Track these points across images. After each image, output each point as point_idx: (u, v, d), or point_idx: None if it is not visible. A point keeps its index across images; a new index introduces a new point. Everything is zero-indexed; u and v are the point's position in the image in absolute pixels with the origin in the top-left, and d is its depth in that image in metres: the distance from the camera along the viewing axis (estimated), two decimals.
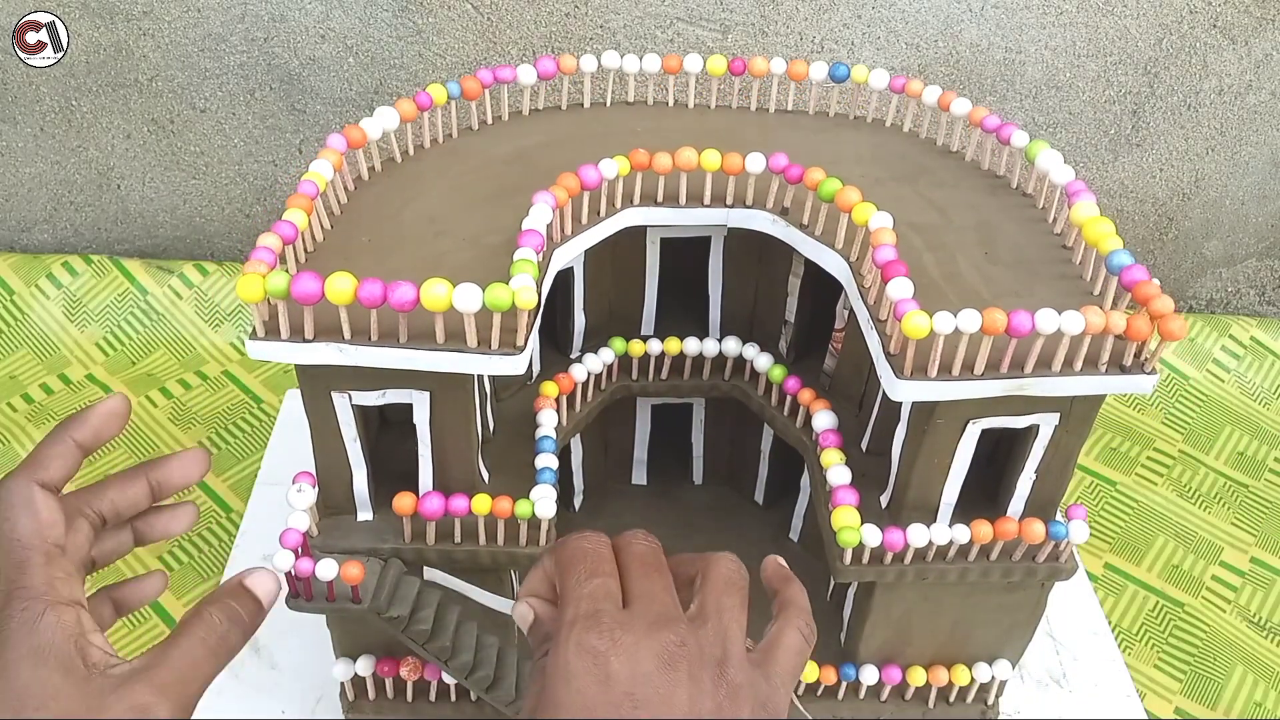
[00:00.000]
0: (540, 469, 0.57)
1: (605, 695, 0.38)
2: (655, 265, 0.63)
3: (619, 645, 0.39)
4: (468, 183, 0.57)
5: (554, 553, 0.44)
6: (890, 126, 0.65)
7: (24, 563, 0.41)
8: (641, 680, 0.38)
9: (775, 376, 0.63)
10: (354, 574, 0.51)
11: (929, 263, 0.53)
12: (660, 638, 0.39)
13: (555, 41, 0.91)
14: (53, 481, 0.45)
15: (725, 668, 0.41)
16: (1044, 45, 0.91)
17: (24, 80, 0.94)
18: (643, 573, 0.43)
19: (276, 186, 1.00)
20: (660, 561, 0.44)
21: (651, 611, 0.41)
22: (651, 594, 0.42)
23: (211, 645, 0.43)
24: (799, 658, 0.44)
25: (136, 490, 0.47)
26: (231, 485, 0.85)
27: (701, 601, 0.43)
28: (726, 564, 0.44)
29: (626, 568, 0.43)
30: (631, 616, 0.40)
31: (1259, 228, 1.04)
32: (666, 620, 0.40)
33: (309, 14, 0.89)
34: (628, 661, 0.39)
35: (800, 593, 0.47)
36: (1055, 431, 0.52)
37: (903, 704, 0.65)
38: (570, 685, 0.38)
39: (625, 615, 0.40)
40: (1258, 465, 0.95)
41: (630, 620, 0.40)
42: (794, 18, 0.90)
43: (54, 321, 0.98)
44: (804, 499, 0.71)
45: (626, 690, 0.38)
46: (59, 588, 0.41)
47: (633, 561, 0.44)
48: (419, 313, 0.45)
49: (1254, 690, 0.76)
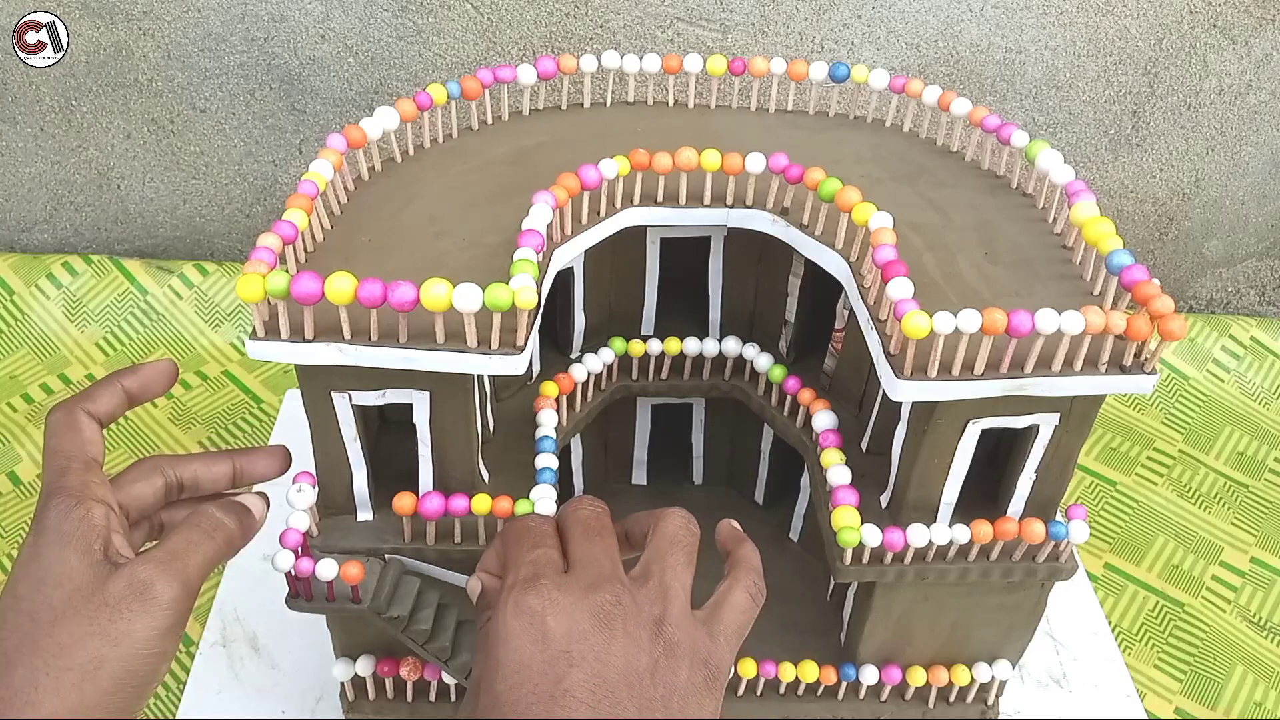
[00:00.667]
0: (540, 469, 0.57)
1: (542, 653, 0.39)
2: (655, 265, 0.63)
3: (555, 605, 0.40)
4: (468, 183, 0.57)
5: (501, 532, 0.45)
6: (890, 126, 0.65)
7: (64, 469, 0.44)
8: (577, 638, 0.39)
9: (775, 376, 0.63)
10: (354, 574, 0.51)
11: (929, 263, 0.53)
12: (596, 597, 0.40)
13: (555, 41, 0.91)
14: (96, 412, 0.47)
15: (663, 625, 0.41)
16: (1044, 45, 0.91)
17: (24, 80, 0.94)
18: (584, 537, 0.44)
19: (276, 186, 1.00)
20: (604, 525, 0.45)
21: (590, 573, 0.42)
22: (591, 557, 0.43)
23: (206, 529, 0.46)
24: (744, 616, 0.45)
25: (220, 470, 0.50)
26: None
27: (646, 559, 0.44)
28: (674, 521, 0.45)
29: (569, 532, 0.45)
30: (570, 579, 0.41)
31: (1259, 228, 1.04)
32: (603, 580, 0.41)
33: (309, 14, 0.90)
34: (564, 620, 0.40)
35: (752, 553, 0.47)
36: (1055, 431, 0.52)
37: (903, 704, 0.65)
38: (508, 645, 0.39)
39: (563, 578, 0.41)
40: (1258, 465, 0.95)
41: (568, 582, 0.41)
42: (794, 18, 0.90)
43: (54, 321, 0.98)
44: (804, 499, 0.71)
45: (562, 648, 0.39)
46: (94, 489, 0.44)
47: (575, 526, 0.45)
48: (419, 313, 0.45)
49: (1254, 690, 0.76)
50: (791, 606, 0.68)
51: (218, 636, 0.71)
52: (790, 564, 0.72)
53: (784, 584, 0.70)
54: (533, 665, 0.39)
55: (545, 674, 0.39)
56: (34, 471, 0.85)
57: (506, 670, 0.39)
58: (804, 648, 0.64)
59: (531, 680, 0.39)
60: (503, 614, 0.40)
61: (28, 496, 0.83)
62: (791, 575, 0.71)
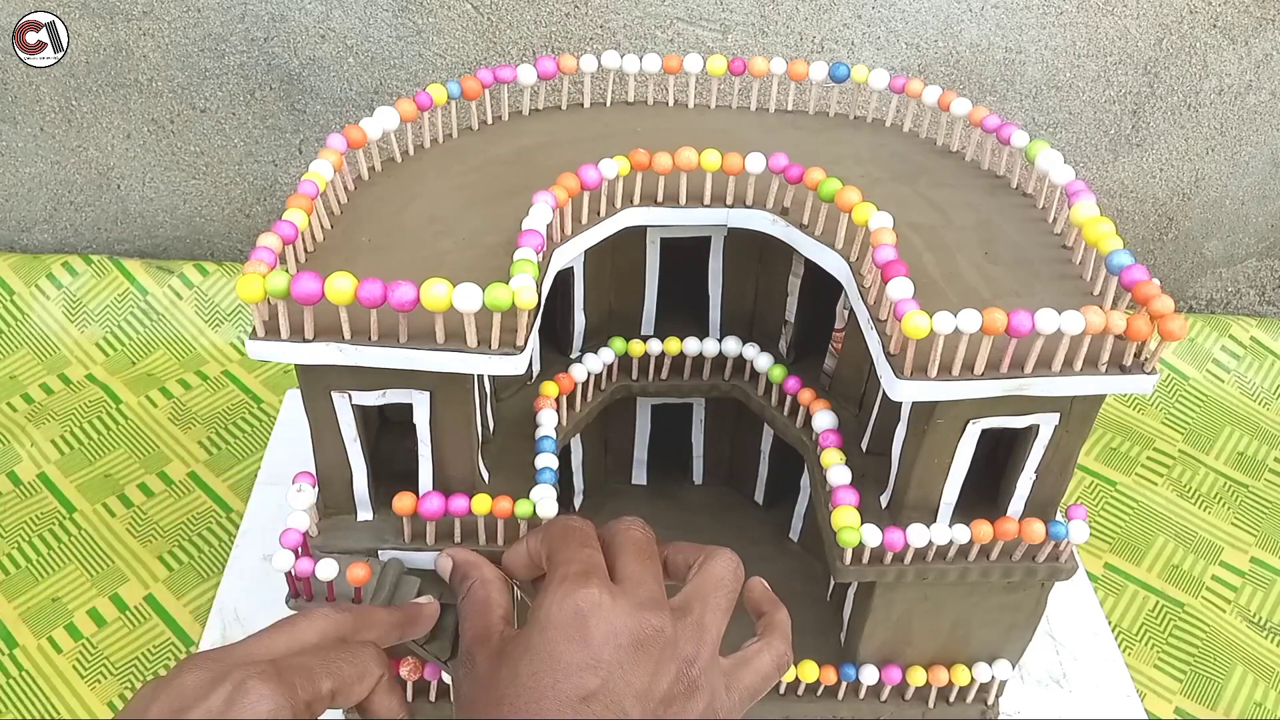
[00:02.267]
0: (540, 469, 0.57)
1: (576, 653, 0.39)
2: (655, 265, 0.63)
3: (602, 610, 0.40)
4: (468, 183, 0.57)
5: (543, 529, 0.45)
6: (890, 126, 0.65)
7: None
8: (612, 650, 0.40)
9: (775, 376, 0.63)
10: (360, 575, 0.51)
11: (929, 263, 0.53)
12: (642, 618, 0.41)
13: (555, 41, 0.91)
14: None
15: (692, 665, 0.42)
16: (1044, 45, 0.91)
17: (24, 80, 0.94)
18: (635, 557, 0.44)
19: (276, 186, 1.00)
20: (653, 550, 0.45)
21: (640, 593, 0.42)
22: (640, 578, 0.43)
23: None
24: (765, 682, 0.45)
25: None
26: (231, 485, 0.85)
27: (688, 594, 0.44)
28: (724, 563, 0.45)
29: (620, 549, 0.45)
30: (621, 591, 0.42)
31: (1259, 228, 1.04)
32: (653, 604, 0.41)
33: (309, 14, 0.90)
34: (607, 629, 0.40)
35: (786, 619, 0.48)
36: (1055, 431, 0.52)
37: (903, 704, 0.65)
38: (545, 634, 0.40)
39: (615, 587, 0.42)
40: (1258, 465, 0.95)
41: (619, 593, 0.41)
42: (794, 18, 0.90)
43: (54, 321, 0.98)
44: (804, 499, 0.71)
45: (595, 656, 0.39)
46: None
47: (627, 544, 0.45)
48: (419, 313, 0.45)
49: (1254, 690, 0.76)
50: (791, 606, 0.68)
51: (218, 636, 0.71)
52: (790, 564, 0.72)
53: (784, 584, 0.70)
54: (563, 661, 0.39)
55: (571, 676, 0.39)
56: (34, 471, 0.85)
57: (536, 656, 0.40)
58: (804, 648, 0.64)
59: (557, 675, 0.39)
60: (550, 601, 0.41)
61: (28, 496, 0.83)
62: (791, 575, 0.71)
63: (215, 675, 0.39)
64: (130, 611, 0.76)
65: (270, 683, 0.39)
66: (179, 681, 0.39)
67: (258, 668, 0.39)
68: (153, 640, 0.74)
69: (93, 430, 0.89)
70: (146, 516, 0.82)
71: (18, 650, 0.73)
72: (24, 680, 0.71)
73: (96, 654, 0.73)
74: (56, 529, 0.81)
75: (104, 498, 0.84)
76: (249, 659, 0.41)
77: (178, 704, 0.38)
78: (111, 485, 0.85)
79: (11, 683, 0.71)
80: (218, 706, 0.38)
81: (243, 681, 0.39)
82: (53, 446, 0.88)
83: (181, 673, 0.40)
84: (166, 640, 0.74)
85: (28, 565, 0.78)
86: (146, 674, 0.72)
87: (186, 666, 0.40)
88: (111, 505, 0.83)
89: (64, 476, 0.85)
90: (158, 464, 0.87)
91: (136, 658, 0.73)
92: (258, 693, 0.38)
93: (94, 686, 0.71)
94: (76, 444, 0.88)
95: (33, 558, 0.79)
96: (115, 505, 0.83)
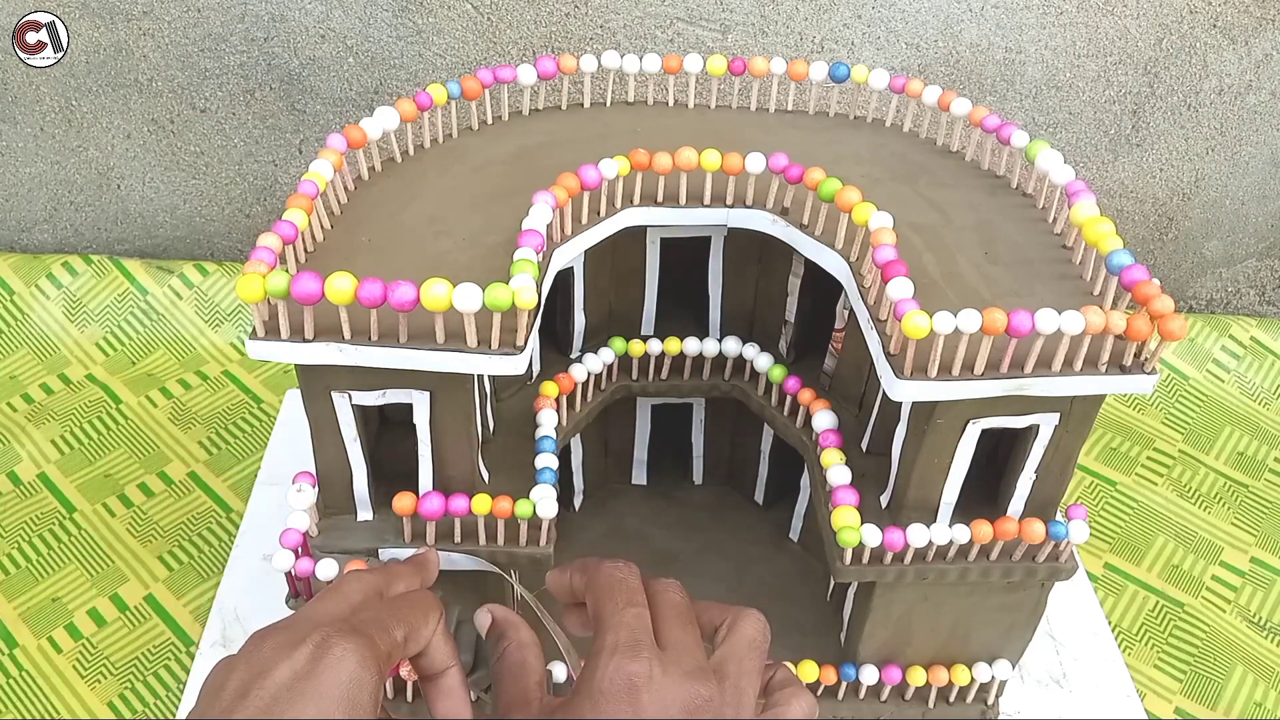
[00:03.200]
0: (540, 469, 0.57)
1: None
2: (655, 265, 0.63)
3: (653, 683, 0.40)
4: (468, 183, 0.57)
5: (588, 575, 0.45)
6: (890, 126, 0.65)
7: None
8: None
9: (775, 376, 0.63)
10: None
11: (929, 263, 0.53)
12: (692, 688, 0.41)
13: (555, 41, 0.91)
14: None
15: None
16: (1044, 45, 0.91)
17: (24, 80, 0.94)
18: (678, 623, 0.44)
19: (276, 186, 1.00)
20: (691, 615, 0.46)
21: (687, 661, 0.42)
22: (686, 645, 0.43)
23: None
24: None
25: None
26: (231, 485, 0.85)
27: (723, 657, 0.44)
28: (753, 624, 0.46)
29: (661, 614, 0.45)
30: (669, 660, 0.42)
31: (1259, 228, 1.04)
32: (700, 673, 0.42)
33: (309, 14, 0.90)
34: (658, 701, 0.40)
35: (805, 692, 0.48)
36: (1055, 431, 0.52)
37: (903, 704, 0.65)
38: (598, 706, 0.40)
39: (664, 656, 0.42)
40: (1258, 465, 0.95)
41: (668, 663, 0.42)
42: (794, 18, 0.90)
43: (54, 321, 0.98)
44: (804, 499, 0.71)
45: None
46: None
47: (669, 609, 0.45)
48: (419, 313, 0.45)
49: (1254, 690, 0.76)
50: (791, 606, 0.68)
51: (218, 636, 0.71)
52: (790, 564, 0.72)
53: (784, 584, 0.70)
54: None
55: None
56: (34, 471, 0.85)
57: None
58: (804, 648, 0.64)
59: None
60: (601, 672, 0.41)
61: (28, 496, 0.83)
62: (791, 575, 0.71)
63: (292, 637, 0.40)
64: (130, 611, 0.76)
65: (351, 638, 0.39)
66: (255, 650, 0.40)
67: (334, 626, 0.40)
68: (153, 640, 0.74)
69: (93, 430, 0.89)
70: (146, 516, 0.82)
71: (18, 650, 0.73)
72: (24, 680, 0.71)
73: (96, 654, 0.73)
74: (56, 529, 0.81)
75: (104, 498, 0.84)
76: (318, 622, 0.41)
77: (258, 668, 0.39)
78: (111, 485, 0.85)
79: (11, 683, 0.71)
80: (303, 666, 0.39)
81: (325, 639, 0.39)
82: (53, 446, 0.88)
83: (255, 641, 0.40)
84: (166, 640, 0.74)
85: (28, 565, 0.78)
86: (146, 674, 0.72)
87: (258, 636, 0.40)
88: (111, 505, 0.83)
89: (64, 476, 0.85)
90: (158, 464, 0.87)
91: (136, 658, 0.73)
92: (341, 648, 0.39)
93: (94, 686, 0.71)
94: (76, 444, 0.88)
95: (33, 558, 0.79)
96: (115, 505, 0.83)
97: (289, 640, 0.39)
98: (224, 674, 0.39)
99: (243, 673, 0.39)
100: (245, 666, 0.39)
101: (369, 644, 0.40)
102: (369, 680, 0.40)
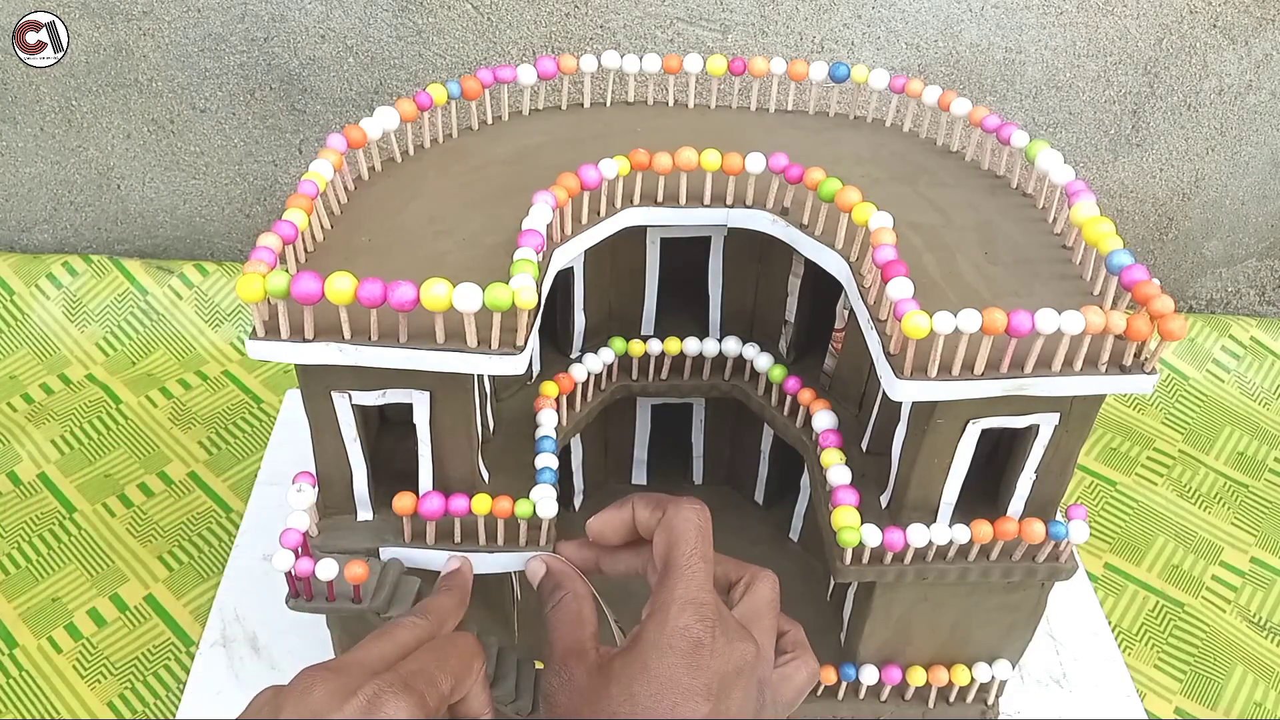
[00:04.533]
0: (540, 469, 0.57)
1: (689, 679, 0.42)
2: (655, 265, 0.63)
3: (716, 643, 0.43)
4: (468, 183, 0.57)
5: (665, 512, 0.46)
6: (890, 126, 0.65)
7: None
8: (719, 678, 0.42)
9: (775, 376, 0.63)
10: (358, 573, 0.51)
11: (929, 263, 0.53)
12: (741, 648, 0.43)
13: (555, 41, 0.91)
14: None
15: (765, 687, 0.45)
16: (1044, 45, 0.91)
17: (24, 80, 0.94)
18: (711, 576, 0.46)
19: (276, 186, 1.00)
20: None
21: (730, 621, 0.44)
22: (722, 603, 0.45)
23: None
24: (801, 695, 0.48)
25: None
26: (231, 485, 0.85)
27: (746, 617, 0.47)
28: (772, 584, 0.48)
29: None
30: (725, 618, 0.44)
31: (1259, 228, 1.04)
32: (744, 634, 0.44)
33: (309, 14, 0.90)
34: (718, 660, 0.43)
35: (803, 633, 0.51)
36: (1055, 431, 0.52)
37: (903, 704, 0.65)
38: (664, 658, 0.42)
39: (722, 615, 0.44)
40: (1258, 465, 0.95)
41: (725, 623, 0.44)
42: (794, 18, 0.90)
43: (54, 321, 0.98)
44: (804, 499, 0.71)
45: (707, 682, 0.42)
46: None
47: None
48: (419, 313, 0.45)
49: (1254, 690, 0.76)
50: (791, 606, 0.68)
51: (218, 636, 0.71)
52: (790, 564, 0.72)
53: (784, 584, 0.70)
54: (678, 684, 0.41)
55: (688, 701, 0.41)
56: (34, 471, 0.85)
57: (653, 676, 0.41)
58: None
59: (676, 699, 0.41)
60: (670, 625, 0.42)
61: (28, 496, 0.83)
62: (791, 575, 0.71)
63: (343, 686, 0.40)
64: (130, 611, 0.76)
65: (403, 696, 0.40)
66: (304, 693, 0.39)
67: (386, 680, 0.40)
68: (153, 640, 0.74)
69: (93, 430, 0.89)
70: (146, 516, 0.82)
71: (18, 650, 0.73)
72: (24, 680, 0.71)
73: (96, 654, 0.73)
74: (56, 529, 0.81)
75: (104, 498, 0.84)
76: (370, 669, 0.41)
77: (306, 713, 0.39)
78: (111, 485, 0.85)
79: (11, 683, 0.71)
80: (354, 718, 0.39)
81: (377, 694, 0.40)
82: (53, 446, 0.88)
83: (306, 684, 0.40)
84: (166, 640, 0.74)
85: (28, 565, 0.78)
86: (146, 674, 0.72)
87: (308, 676, 0.40)
88: (111, 505, 0.83)
89: (64, 476, 0.85)
90: (158, 464, 0.87)
91: (136, 658, 0.73)
92: (394, 704, 0.39)
93: (94, 686, 0.71)
94: (76, 444, 0.88)
95: (33, 558, 0.79)
96: (115, 505, 0.83)
97: (340, 689, 0.39)
98: (271, 708, 0.39)
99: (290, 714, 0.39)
100: (293, 708, 0.39)
101: (420, 702, 0.40)
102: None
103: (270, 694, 0.40)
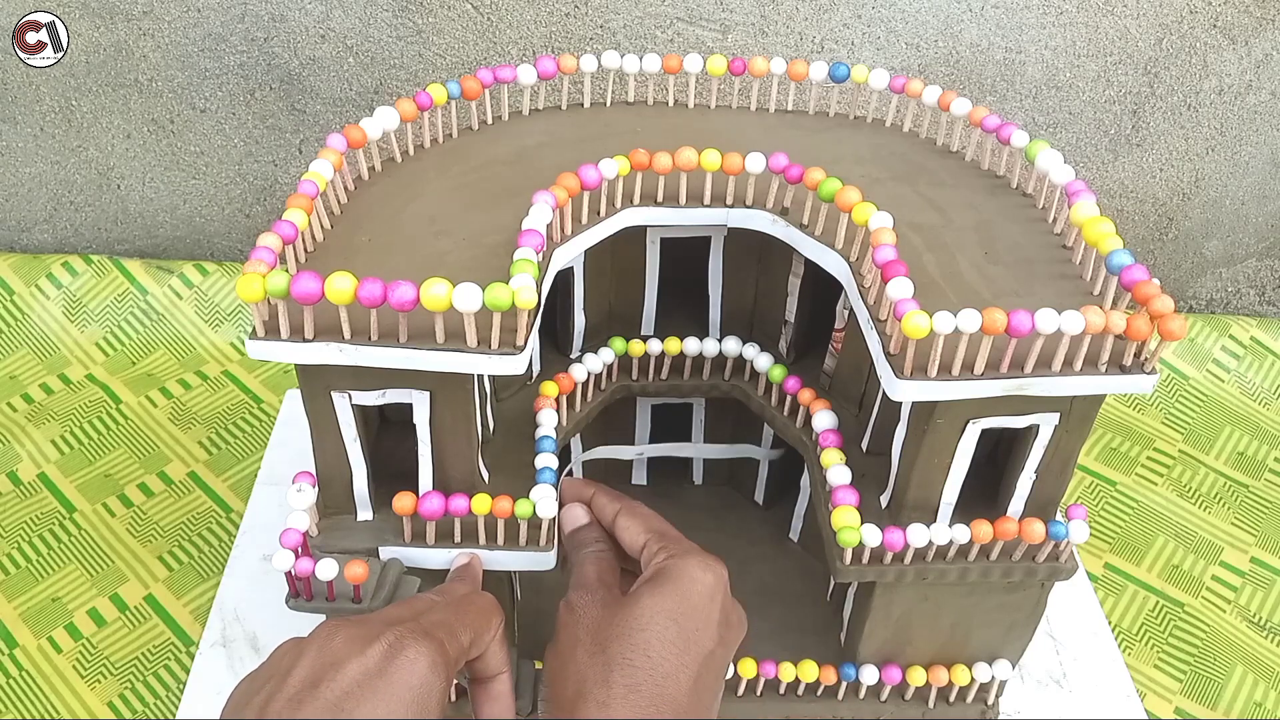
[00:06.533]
0: (540, 469, 0.57)
1: (708, 603, 0.49)
2: (655, 265, 0.63)
3: (721, 580, 0.50)
4: (468, 183, 0.57)
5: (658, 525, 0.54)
6: (890, 126, 0.65)
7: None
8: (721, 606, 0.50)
9: (775, 376, 0.63)
10: (358, 573, 0.51)
11: (929, 263, 0.53)
12: (721, 572, 0.50)
13: (555, 41, 0.91)
14: None
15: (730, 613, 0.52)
16: (1044, 45, 0.91)
17: (24, 80, 0.94)
18: None
19: (276, 186, 1.00)
20: None
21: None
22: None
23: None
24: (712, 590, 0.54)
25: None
26: (231, 485, 0.85)
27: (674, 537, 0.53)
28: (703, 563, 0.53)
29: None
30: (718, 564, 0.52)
31: (1259, 228, 1.04)
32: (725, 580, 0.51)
33: (309, 14, 0.90)
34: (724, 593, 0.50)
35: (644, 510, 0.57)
36: (1055, 431, 0.52)
37: (903, 704, 0.65)
38: (694, 585, 0.48)
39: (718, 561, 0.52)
40: (1258, 465, 0.95)
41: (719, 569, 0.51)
42: (794, 18, 0.90)
43: (54, 321, 0.98)
44: (804, 499, 0.71)
45: (724, 607, 0.50)
46: None
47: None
48: (419, 312, 0.45)
49: (1254, 690, 0.76)
50: (791, 606, 0.68)
51: (218, 636, 0.71)
52: (790, 564, 0.72)
53: (784, 584, 0.70)
54: (701, 606, 0.48)
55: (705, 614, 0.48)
56: (34, 471, 0.85)
57: (684, 595, 0.48)
58: (804, 648, 0.64)
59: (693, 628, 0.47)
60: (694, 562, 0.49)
61: (28, 496, 0.83)
62: (791, 575, 0.71)
63: (365, 634, 0.40)
64: (130, 611, 0.76)
65: (424, 641, 0.41)
66: (327, 640, 0.40)
67: (408, 626, 0.41)
68: (153, 640, 0.74)
69: (93, 430, 0.89)
70: (146, 516, 0.82)
71: (18, 650, 0.73)
72: (24, 680, 0.71)
73: (96, 654, 0.73)
74: (56, 529, 0.81)
75: (104, 498, 0.84)
76: (391, 619, 0.42)
77: (330, 659, 0.39)
78: (111, 485, 0.85)
79: (11, 683, 0.71)
80: (375, 664, 0.39)
81: (399, 639, 0.40)
82: (53, 446, 0.88)
83: (328, 632, 0.41)
84: (166, 640, 0.74)
85: (28, 565, 0.78)
86: (146, 674, 0.72)
87: (330, 626, 0.41)
88: (111, 505, 0.83)
89: (64, 476, 0.85)
90: (158, 464, 0.87)
91: (136, 658, 0.73)
92: (415, 650, 0.40)
93: (94, 686, 0.71)
94: (76, 444, 0.88)
95: (33, 558, 0.79)
96: (115, 505, 0.83)
97: (362, 635, 0.40)
98: (292, 656, 0.40)
99: (313, 659, 0.39)
100: (316, 653, 0.39)
101: (440, 649, 0.41)
102: (438, 685, 0.40)
103: (291, 644, 0.41)
